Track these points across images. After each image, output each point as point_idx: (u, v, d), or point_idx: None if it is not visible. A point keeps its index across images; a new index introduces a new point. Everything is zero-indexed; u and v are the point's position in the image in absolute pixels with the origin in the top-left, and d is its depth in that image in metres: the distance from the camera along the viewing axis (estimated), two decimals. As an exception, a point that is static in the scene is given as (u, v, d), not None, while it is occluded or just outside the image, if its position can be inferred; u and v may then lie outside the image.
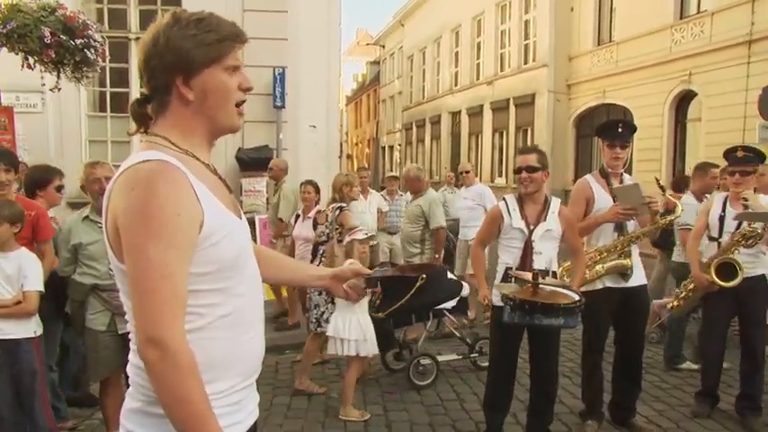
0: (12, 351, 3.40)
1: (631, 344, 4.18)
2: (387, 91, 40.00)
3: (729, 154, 4.42)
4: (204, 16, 1.46)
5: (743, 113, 13.35)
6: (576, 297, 3.20)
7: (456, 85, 28.03)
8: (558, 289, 3.31)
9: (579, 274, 3.80)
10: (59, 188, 4.25)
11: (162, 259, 1.28)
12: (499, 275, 3.77)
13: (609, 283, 3.95)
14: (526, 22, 22.06)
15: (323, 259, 5.36)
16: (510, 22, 23.09)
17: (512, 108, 22.64)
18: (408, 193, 9.02)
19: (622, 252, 3.94)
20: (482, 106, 24.93)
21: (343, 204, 5.39)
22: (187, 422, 1.29)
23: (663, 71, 15.91)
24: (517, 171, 3.78)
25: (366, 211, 8.14)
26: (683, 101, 15.90)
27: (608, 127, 4.22)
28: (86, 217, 3.63)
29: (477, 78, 25.66)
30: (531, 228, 3.69)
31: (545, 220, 3.71)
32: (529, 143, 21.68)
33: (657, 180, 4.19)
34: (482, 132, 25.24)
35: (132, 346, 1.43)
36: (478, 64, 25.74)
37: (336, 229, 5.18)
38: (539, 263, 3.63)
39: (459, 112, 27.34)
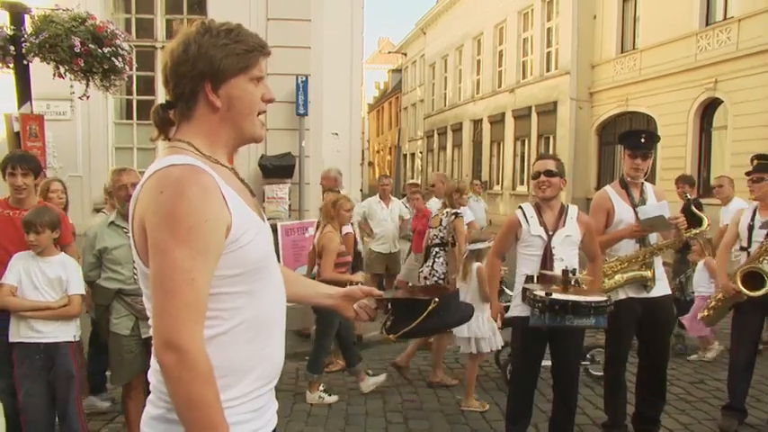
0: (51, 354, 3.49)
1: (655, 355, 4.13)
2: (408, 99, 40.07)
3: (751, 162, 4.43)
4: (233, 27, 1.49)
5: (770, 122, 13.13)
6: (605, 297, 3.20)
7: (478, 92, 27.97)
8: (586, 290, 3.29)
9: (598, 281, 3.77)
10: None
11: (186, 264, 1.29)
12: (518, 286, 3.70)
13: (631, 294, 3.90)
14: (548, 30, 21.94)
15: (436, 259, 5.70)
16: (532, 30, 22.99)
17: (533, 116, 22.51)
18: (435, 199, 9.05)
19: (644, 263, 3.90)
20: (504, 114, 24.83)
21: (459, 210, 5.70)
22: (200, 427, 1.30)
23: (687, 79, 15.69)
24: (535, 176, 3.73)
25: (388, 218, 8.15)
26: (708, 109, 15.65)
27: (630, 136, 4.20)
28: (112, 222, 3.69)
29: (499, 86, 25.56)
30: (551, 234, 3.64)
31: (564, 225, 3.67)
32: (551, 151, 21.53)
33: (686, 195, 4.13)
34: (504, 140, 25.13)
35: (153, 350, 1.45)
36: (500, 72, 25.65)
37: (451, 233, 5.65)
38: (560, 270, 3.58)
39: (481, 119, 27.25)
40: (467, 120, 28.97)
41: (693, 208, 4.20)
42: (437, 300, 1.80)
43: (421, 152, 37.27)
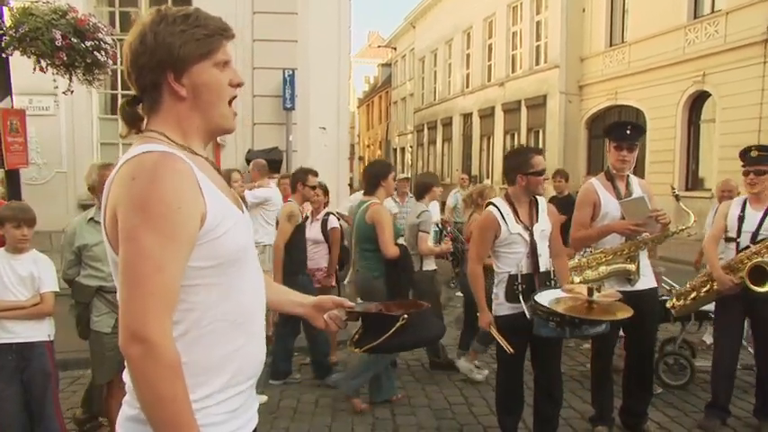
0: (25, 355, 3.41)
1: (641, 348, 4.12)
2: (398, 93, 40.00)
3: (745, 154, 4.37)
4: (190, 12, 1.44)
5: (758, 114, 13.20)
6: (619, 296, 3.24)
7: (467, 86, 27.95)
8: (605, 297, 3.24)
9: (566, 275, 3.84)
10: None
11: (156, 251, 1.24)
12: (502, 285, 3.60)
13: (616, 287, 3.88)
14: (538, 24, 21.93)
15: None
16: (521, 24, 22.98)
17: (523, 109, 22.53)
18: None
19: (629, 256, 3.88)
20: (493, 108, 24.84)
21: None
22: (166, 424, 1.24)
23: (676, 72, 15.75)
24: (540, 173, 3.61)
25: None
26: (697, 102, 15.72)
27: (616, 128, 4.16)
28: (91, 219, 3.63)
29: (489, 80, 25.56)
30: (531, 230, 3.59)
31: (537, 220, 3.63)
32: (540, 145, 21.56)
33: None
34: (494, 134, 25.14)
35: None
36: (490, 65, 25.64)
37: None
38: (543, 265, 3.58)
39: (471, 113, 27.25)
40: (457, 114, 28.95)
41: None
42: (405, 317, 1.76)
43: (411, 146, 37.23)
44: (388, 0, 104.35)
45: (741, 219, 4.31)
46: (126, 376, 1.41)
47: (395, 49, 40.75)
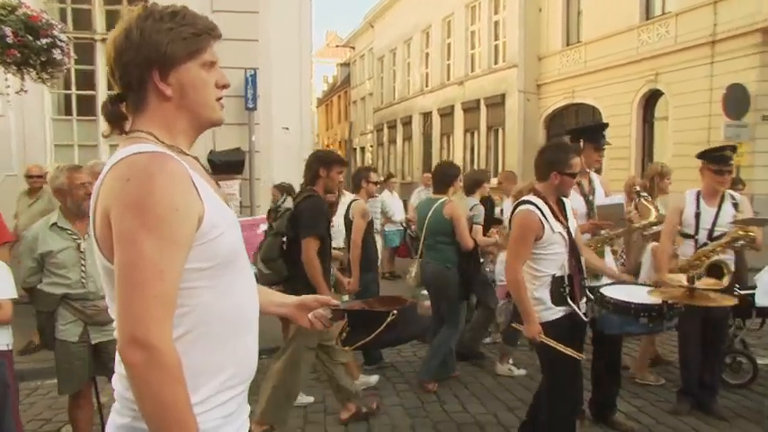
0: None
1: (608, 342, 4.20)
2: (358, 92, 39.94)
3: (713, 154, 4.48)
4: (178, 9, 1.41)
5: (708, 112, 13.63)
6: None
7: (427, 85, 28.09)
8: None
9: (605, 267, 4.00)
10: None
11: (155, 255, 1.21)
12: (545, 289, 3.33)
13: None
14: (496, 23, 22.18)
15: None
16: (480, 23, 23.21)
17: (483, 108, 22.76)
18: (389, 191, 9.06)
19: (597, 252, 3.96)
20: (453, 107, 25.02)
21: (644, 193, 5.23)
22: (170, 429, 1.22)
23: (630, 71, 16.14)
24: (575, 176, 3.45)
25: (341, 212, 8.06)
26: (651, 100, 16.15)
27: (595, 131, 4.29)
28: (54, 224, 3.48)
29: (448, 79, 25.73)
30: (568, 228, 3.42)
31: (566, 218, 3.48)
32: (500, 143, 21.90)
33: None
34: (453, 133, 25.33)
35: (119, 356, 1.34)
36: (449, 65, 25.81)
37: None
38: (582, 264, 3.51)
39: (431, 112, 27.39)
40: (416, 113, 29.07)
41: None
42: (395, 312, 1.76)
43: (371, 146, 37.23)
44: (345, 0, 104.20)
45: (698, 215, 4.42)
46: (116, 383, 1.38)
47: (353, 48, 40.68)
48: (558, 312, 3.33)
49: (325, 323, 1.82)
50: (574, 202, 4.02)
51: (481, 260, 5.86)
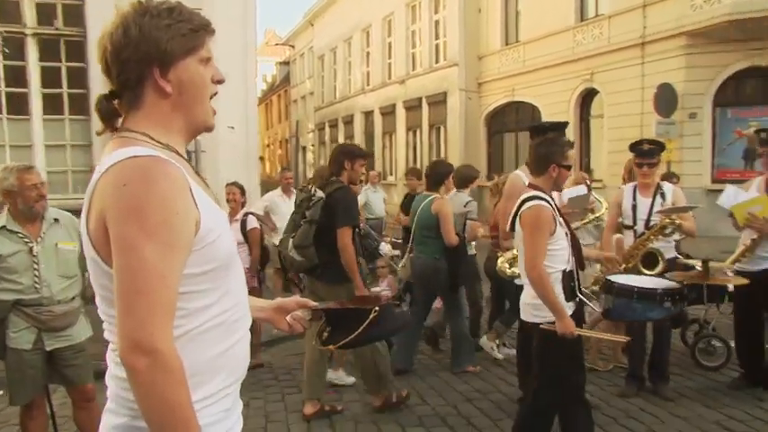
0: None
1: None
2: (298, 91, 39.61)
3: (636, 147, 4.76)
4: (173, 5, 1.40)
5: (640, 110, 14.24)
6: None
7: (368, 84, 28.15)
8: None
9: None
10: None
11: (157, 259, 1.21)
12: (557, 285, 3.23)
13: None
14: (436, 23, 22.46)
15: None
16: (420, 23, 23.44)
17: (424, 107, 23.01)
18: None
19: None
20: (395, 105, 25.17)
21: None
22: (175, 430, 1.23)
23: (567, 70, 16.68)
24: (569, 168, 3.42)
25: (290, 212, 8.00)
26: (587, 98, 16.75)
27: (557, 128, 4.48)
28: (3, 227, 3.33)
29: (389, 78, 25.86)
30: (568, 225, 3.42)
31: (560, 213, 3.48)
32: (442, 141, 22.21)
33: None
34: (395, 131, 25.50)
35: (115, 357, 1.34)
36: (390, 63, 25.95)
37: None
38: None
39: (372, 111, 27.47)
40: (358, 112, 29.10)
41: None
42: (377, 309, 1.78)
43: (313, 145, 37.01)
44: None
45: (634, 207, 4.71)
46: (110, 381, 1.38)
47: (293, 47, 40.31)
48: (571, 307, 3.27)
49: (305, 325, 1.84)
50: None
51: (474, 252, 6.17)
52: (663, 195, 4.67)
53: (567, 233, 3.32)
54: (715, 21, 12.79)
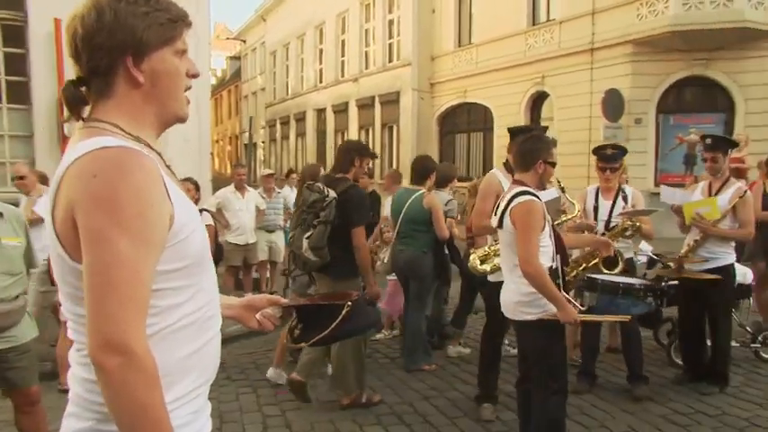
0: None
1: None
2: (249, 87, 39.03)
3: (599, 152, 4.89)
4: None
5: (589, 114, 14.63)
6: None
7: (321, 81, 27.99)
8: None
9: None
10: None
11: (130, 254, 1.15)
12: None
13: None
14: (390, 22, 22.51)
15: None
16: (374, 21, 23.45)
17: (377, 105, 23.03)
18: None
19: None
20: (347, 103, 25.12)
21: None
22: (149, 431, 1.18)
23: (519, 73, 16.99)
24: (554, 165, 3.41)
25: (244, 208, 7.91)
26: (538, 101, 17.10)
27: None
28: None
29: (342, 75, 25.79)
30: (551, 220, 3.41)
31: None
32: (395, 140, 22.29)
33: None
34: (348, 129, 25.43)
35: (80, 358, 1.28)
36: (343, 61, 25.88)
37: None
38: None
39: (325, 108, 27.33)
40: (310, 109, 28.90)
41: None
42: (350, 304, 1.76)
43: (263, 142, 36.55)
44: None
45: (596, 209, 4.85)
46: (73, 383, 1.31)
47: (244, 41, 39.69)
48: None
49: (276, 322, 1.80)
50: None
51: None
52: (625, 198, 4.79)
53: (551, 230, 3.34)
54: (659, 31, 13.28)
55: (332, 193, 4.34)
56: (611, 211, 4.78)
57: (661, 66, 13.84)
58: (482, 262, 4.30)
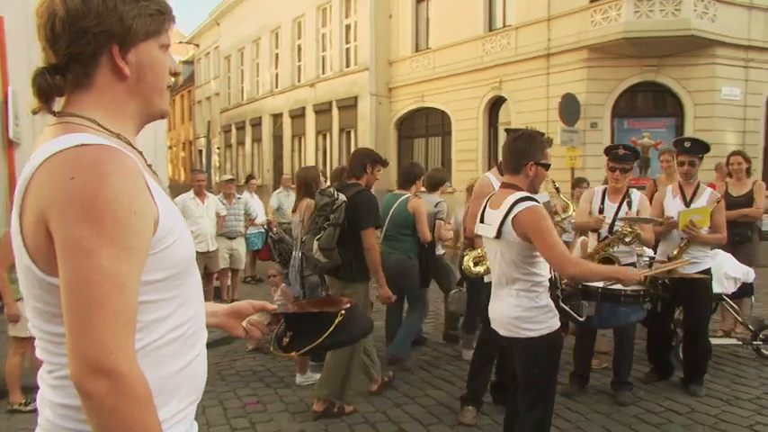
0: None
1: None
2: (203, 92, 38.32)
3: (611, 152, 4.71)
4: None
5: (546, 118, 14.86)
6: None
7: (277, 86, 27.68)
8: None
9: None
10: None
11: (114, 266, 1.04)
12: (547, 294, 3.05)
13: None
14: (347, 27, 22.43)
15: None
16: (331, 26, 23.33)
17: (335, 110, 22.90)
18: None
19: None
20: (304, 108, 24.91)
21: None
22: None
23: (476, 78, 17.15)
24: (548, 167, 3.19)
25: (204, 215, 7.71)
26: (495, 106, 17.29)
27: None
28: None
29: (299, 80, 25.57)
30: None
31: None
32: (352, 145, 22.16)
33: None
34: (305, 134, 25.23)
35: (52, 380, 1.15)
36: (299, 66, 25.66)
37: None
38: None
39: (281, 114, 27.03)
40: (266, 114, 28.55)
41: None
42: (344, 312, 1.66)
43: (218, 147, 35.92)
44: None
45: (601, 211, 4.70)
46: (44, 408, 1.18)
47: (197, 45, 38.99)
48: (558, 320, 3.05)
49: (264, 330, 1.69)
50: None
51: (443, 252, 6.50)
52: (629, 204, 4.64)
53: None
54: (612, 37, 13.63)
55: (341, 197, 4.45)
56: (615, 215, 4.62)
57: (615, 71, 14.18)
58: (476, 264, 4.25)
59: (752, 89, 14.62)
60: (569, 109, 13.53)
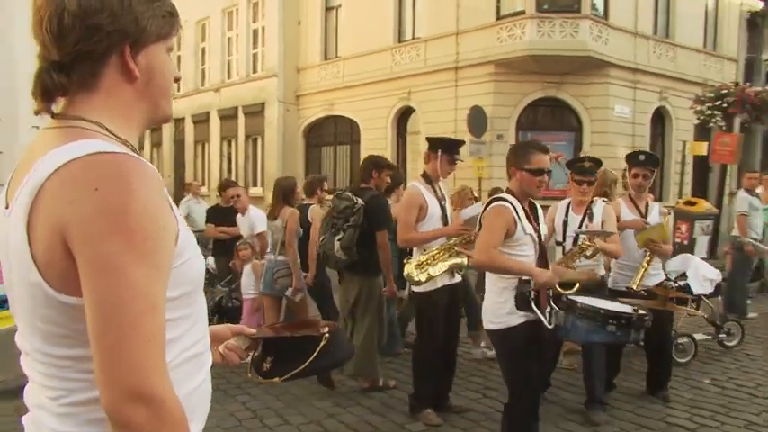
0: None
1: (450, 334, 4.44)
2: (95, 92, 36.27)
3: (576, 165, 4.75)
4: None
5: (454, 129, 15.23)
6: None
7: (179, 90, 26.60)
8: None
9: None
10: None
11: (147, 285, 0.97)
12: (508, 292, 3.21)
13: (446, 281, 4.15)
14: (255, 31, 21.98)
15: None
16: (237, 29, 22.78)
17: (241, 116, 22.35)
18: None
19: (457, 252, 4.16)
20: (209, 113, 24.14)
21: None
22: None
23: (386, 88, 17.35)
24: (539, 173, 3.31)
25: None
26: (404, 115, 17.56)
27: (452, 145, 4.54)
28: None
29: (203, 84, 24.78)
30: (538, 232, 3.37)
31: (538, 223, 3.43)
32: (259, 152, 21.76)
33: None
34: (209, 140, 24.44)
35: (57, 408, 1.05)
36: (204, 70, 24.87)
37: None
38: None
39: (183, 118, 26.00)
40: (167, 118, 27.38)
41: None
42: (328, 335, 1.60)
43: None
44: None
45: (565, 224, 4.72)
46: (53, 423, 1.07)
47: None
48: (519, 318, 3.19)
49: (242, 355, 1.59)
50: (433, 207, 4.27)
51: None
52: (591, 216, 4.61)
53: (535, 241, 3.30)
54: (517, 54, 14.28)
55: (360, 201, 4.91)
56: (579, 226, 4.62)
57: (519, 86, 14.83)
58: (418, 271, 4.24)
59: (639, 108, 15.81)
60: (477, 121, 13.98)
